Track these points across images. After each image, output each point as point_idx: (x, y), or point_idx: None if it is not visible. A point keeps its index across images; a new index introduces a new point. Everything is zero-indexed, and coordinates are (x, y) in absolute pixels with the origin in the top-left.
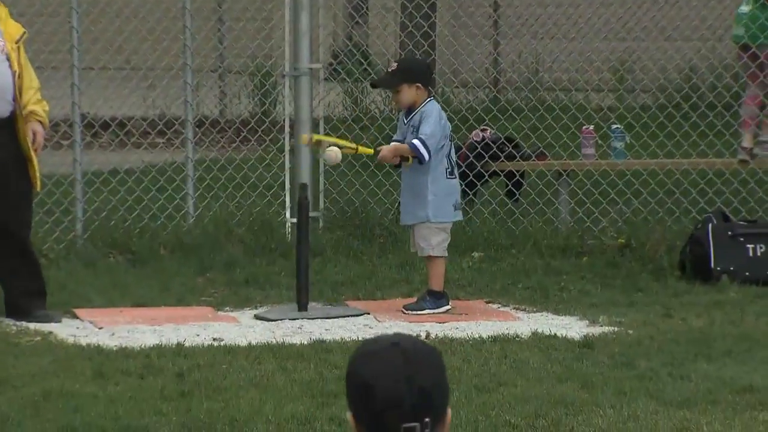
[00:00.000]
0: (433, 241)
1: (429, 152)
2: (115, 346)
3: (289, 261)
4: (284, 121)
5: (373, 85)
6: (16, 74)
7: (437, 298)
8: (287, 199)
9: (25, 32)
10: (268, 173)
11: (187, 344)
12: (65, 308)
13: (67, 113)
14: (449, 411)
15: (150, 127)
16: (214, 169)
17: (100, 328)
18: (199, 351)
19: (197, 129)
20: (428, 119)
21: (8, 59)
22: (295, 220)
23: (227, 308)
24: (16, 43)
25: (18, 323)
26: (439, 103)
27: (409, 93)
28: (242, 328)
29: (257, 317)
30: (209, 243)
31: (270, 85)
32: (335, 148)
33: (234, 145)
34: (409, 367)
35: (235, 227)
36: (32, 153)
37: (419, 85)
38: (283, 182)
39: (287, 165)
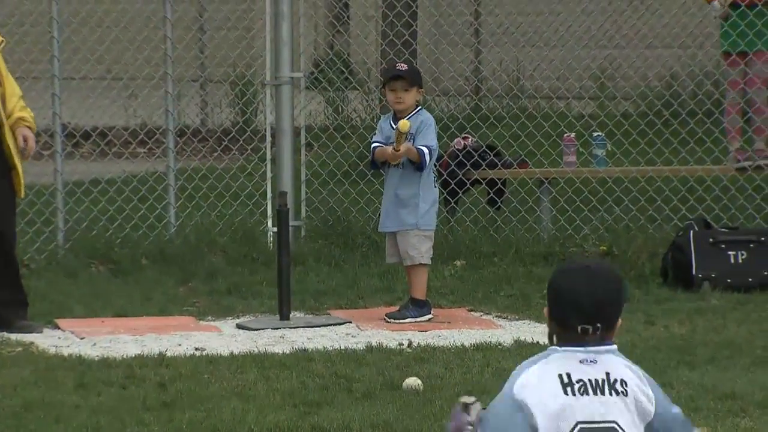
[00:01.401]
0: (423, 249)
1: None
2: (97, 356)
3: (271, 270)
4: (266, 130)
5: (397, 76)
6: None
7: (420, 307)
8: (269, 208)
9: (3, 41)
10: (250, 182)
11: (169, 354)
12: (47, 318)
13: (48, 123)
14: (620, 322)
15: (131, 136)
16: (196, 178)
17: (82, 338)
18: (181, 361)
19: (178, 138)
20: (430, 129)
21: None
22: (276, 229)
23: (209, 318)
24: None
25: None
26: None
27: (415, 96)
28: (224, 337)
29: (239, 326)
30: (191, 253)
31: (251, 95)
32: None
33: (215, 154)
34: (592, 283)
35: (217, 236)
36: (16, 161)
37: (422, 90)
38: (265, 191)
39: (269, 174)
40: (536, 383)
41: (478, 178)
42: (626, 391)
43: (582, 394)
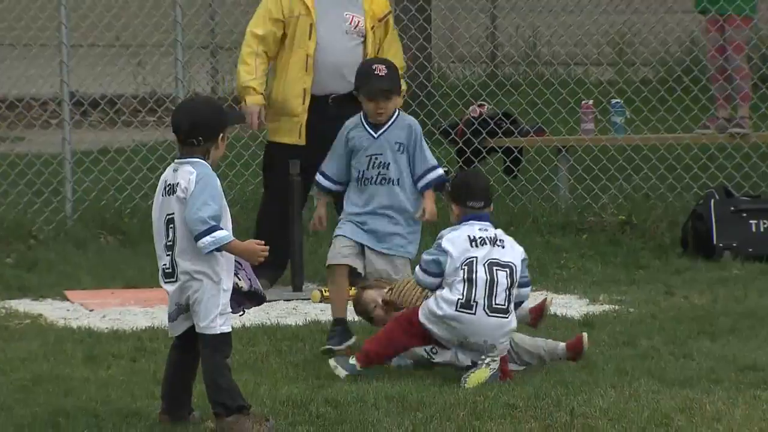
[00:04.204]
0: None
1: None
2: (107, 328)
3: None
4: None
5: (388, 94)
6: (368, 54)
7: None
8: None
9: (390, 11)
10: (261, 151)
11: None
12: (55, 290)
13: (56, 91)
14: None
15: (140, 105)
16: None
17: (91, 311)
18: None
19: None
20: (424, 141)
21: (364, 38)
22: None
23: None
24: (380, 21)
25: (6, 305)
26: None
27: (396, 102)
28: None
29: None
30: None
31: None
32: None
33: None
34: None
35: (229, 206)
36: None
37: (404, 91)
38: None
39: None
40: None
41: (494, 146)
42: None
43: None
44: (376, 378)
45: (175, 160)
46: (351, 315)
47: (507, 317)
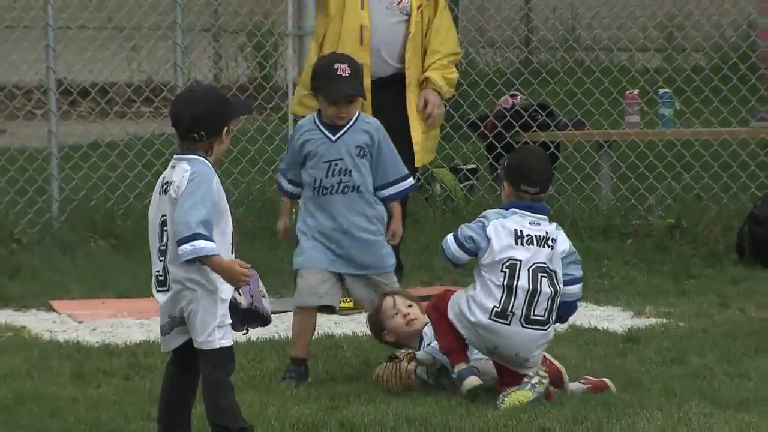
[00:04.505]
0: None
1: None
2: (97, 342)
3: (293, 245)
4: (287, 86)
5: (352, 98)
6: (411, 35)
7: None
8: None
9: None
10: (270, 146)
11: None
12: (40, 300)
13: (41, 79)
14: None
15: (135, 94)
16: None
17: (80, 323)
18: None
19: None
20: (391, 143)
21: (408, 16)
22: None
23: None
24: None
25: None
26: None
27: (358, 105)
28: None
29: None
30: None
31: (270, 47)
32: None
33: None
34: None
35: (233, 207)
36: (416, 124)
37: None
38: None
39: (290, 135)
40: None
41: (528, 141)
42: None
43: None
44: (395, 398)
45: (174, 156)
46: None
47: (545, 329)
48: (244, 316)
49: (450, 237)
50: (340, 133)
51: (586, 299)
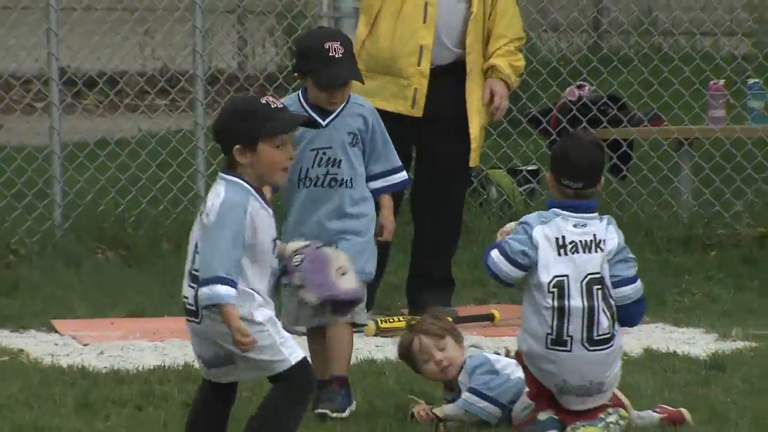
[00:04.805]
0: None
1: None
2: (105, 368)
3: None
4: None
5: (345, 82)
6: (473, 16)
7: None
8: None
9: None
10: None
11: (197, 365)
12: (41, 319)
13: (42, 67)
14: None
15: (149, 84)
16: None
17: (85, 345)
18: None
19: (209, 87)
20: (385, 131)
21: None
22: None
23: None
24: None
25: None
26: None
27: (350, 87)
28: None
29: (287, 329)
30: None
31: (303, 30)
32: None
33: None
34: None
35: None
36: (475, 118)
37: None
38: None
39: None
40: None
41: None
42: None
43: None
44: None
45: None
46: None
47: (611, 345)
48: (333, 308)
49: (496, 254)
50: (332, 117)
51: (664, 320)
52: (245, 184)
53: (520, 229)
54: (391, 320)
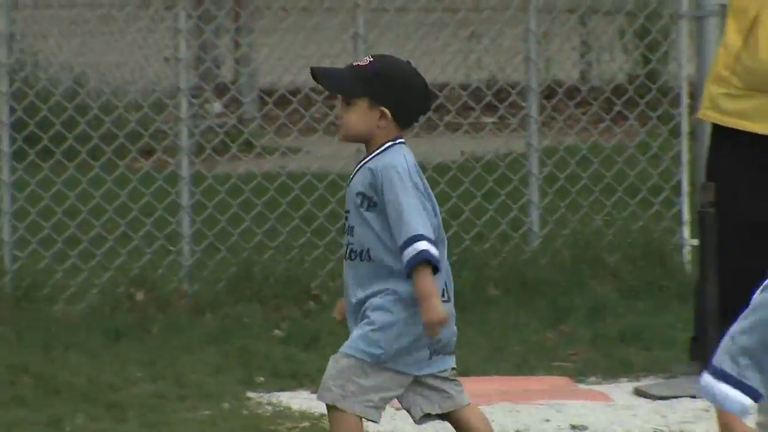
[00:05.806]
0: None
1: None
2: None
3: (690, 306)
4: (680, 87)
5: (314, 76)
6: None
7: None
8: (685, 210)
9: None
10: (656, 170)
11: None
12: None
13: None
14: None
15: (473, 98)
16: (571, 162)
17: (398, 410)
18: None
19: (545, 101)
20: (399, 189)
21: None
22: (697, 242)
23: (593, 378)
24: None
25: (274, 399)
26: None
27: (363, 117)
28: (616, 409)
29: (639, 392)
30: (564, 278)
31: (659, 33)
32: None
33: (602, 125)
34: None
35: (604, 253)
36: None
37: (388, 110)
38: (679, 183)
39: (684, 156)
40: None
41: None
42: None
43: None
44: None
45: None
46: None
47: None
48: None
49: (710, 383)
50: (356, 168)
51: None
52: None
53: (750, 321)
54: None
